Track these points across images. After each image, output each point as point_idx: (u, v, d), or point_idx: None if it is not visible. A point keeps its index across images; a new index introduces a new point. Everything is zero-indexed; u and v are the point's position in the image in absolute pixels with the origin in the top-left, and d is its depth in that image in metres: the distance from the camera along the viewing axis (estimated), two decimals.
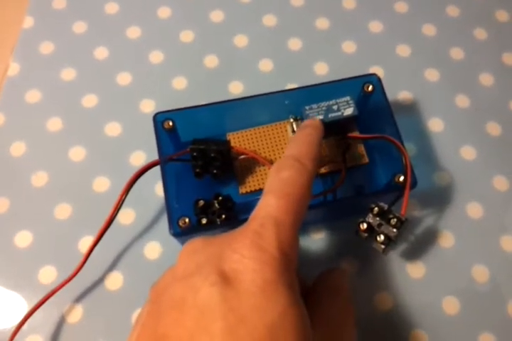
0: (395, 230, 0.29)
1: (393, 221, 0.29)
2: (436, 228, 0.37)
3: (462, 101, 0.42)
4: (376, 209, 0.30)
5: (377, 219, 0.30)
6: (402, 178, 0.32)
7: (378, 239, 0.30)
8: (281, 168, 0.26)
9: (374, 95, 0.36)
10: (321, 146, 0.30)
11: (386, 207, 0.30)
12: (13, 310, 0.35)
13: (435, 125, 0.41)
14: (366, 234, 0.30)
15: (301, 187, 0.25)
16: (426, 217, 0.38)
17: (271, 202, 0.24)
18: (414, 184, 0.32)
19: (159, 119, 0.34)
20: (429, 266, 0.36)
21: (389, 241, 0.29)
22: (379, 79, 0.36)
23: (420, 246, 0.37)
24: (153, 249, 0.37)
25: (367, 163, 0.37)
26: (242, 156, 0.36)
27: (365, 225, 0.30)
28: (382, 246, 0.29)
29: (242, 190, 0.36)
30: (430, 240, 0.37)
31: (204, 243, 0.25)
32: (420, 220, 0.38)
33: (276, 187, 0.25)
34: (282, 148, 0.37)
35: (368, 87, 0.36)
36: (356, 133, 0.36)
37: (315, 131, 0.31)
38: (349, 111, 0.34)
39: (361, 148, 0.37)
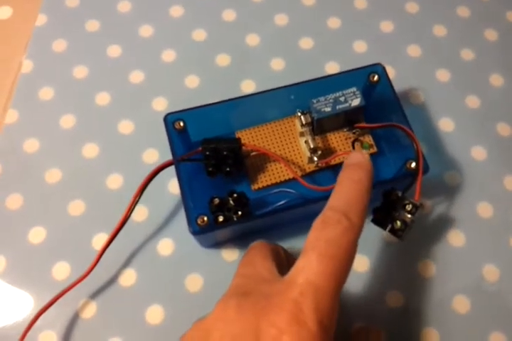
0: (410, 216, 0.30)
1: (408, 207, 0.30)
2: (447, 227, 0.38)
3: (472, 101, 0.42)
4: (391, 196, 0.30)
5: (392, 206, 0.30)
6: (413, 164, 0.32)
7: (395, 225, 0.30)
8: (326, 223, 0.24)
9: (380, 85, 0.36)
10: (371, 193, 0.27)
11: (400, 193, 0.30)
12: (27, 305, 0.35)
13: (446, 125, 0.41)
14: (382, 222, 0.30)
15: (347, 249, 0.23)
16: (437, 216, 0.38)
17: (312, 265, 0.23)
18: (426, 169, 0.32)
19: (170, 120, 0.35)
20: (440, 264, 0.36)
21: (405, 227, 0.30)
22: (384, 69, 0.36)
23: (431, 245, 0.37)
24: (166, 246, 0.37)
25: (375, 153, 0.37)
26: (254, 153, 0.36)
27: (380, 213, 0.30)
28: (399, 232, 0.30)
29: (255, 186, 0.36)
30: (441, 239, 0.37)
31: (238, 308, 0.23)
32: (431, 219, 0.38)
33: (320, 247, 0.23)
34: (291, 143, 0.37)
35: (373, 77, 0.36)
36: (364, 124, 0.37)
37: (365, 175, 0.27)
38: (356, 101, 0.34)
39: (369, 138, 0.37)
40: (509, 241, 0.37)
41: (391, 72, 0.43)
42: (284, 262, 0.30)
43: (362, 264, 0.36)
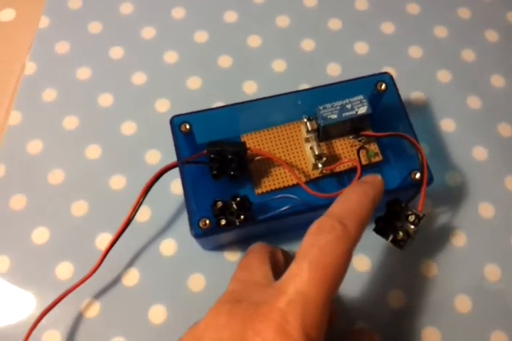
0: (412, 226, 0.30)
1: (411, 217, 0.30)
2: (448, 227, 0.38)
3: (474, 102, 0.42)
4: (394, 206, 0.31)
5: (395, 216, 0.30)
6: (418, 175, 0.32)
7: (397, 235, 0.30)
8: (321, 229, 0.24)
9: (387, 94, 0.36)
10: (375, 210, 0.26)
11: (403, 203, 0.31)
12: (31, 305, 0.36)
13: (447, 125, 0.41)
14: (384, 231, 0.30)
15: (340, 258, 0.23)
16: (438, 217, 0.38)
17: (303, 273, 0.22)
18: (430, 180, 0.32)
19: (176, 122, 0.35)
20: (442, 264, 0.37)
21: (407, 238, 0.30)
22: (391, 78, 0.36)
23: (433, 245, 0.37)
24: (168, 246, 0.37)
25: (381, 161, 0.37)
26: (259, 157, 0.36)
27: (382, 222, 0.30)
28: (401, 243, 0.30)
29: (258, 190, 0.36)
30: (443, 239, 0.37)
31: (229, 315, 0.23)
32: (433, 220, 0.38)
33: (312, 255, 0.23)
34: (297, 148, 0.37)
35: (380, 86, 0.36)
36: (370, 132, 0.37)
37: (372, 191, 0.27)
38: (363, 109, 0.35)
39: (375, 146, 0.37)
40: (510, 241, 0.38)
41: (392, 73, 0.42)
42: (282, 266, 0.30)
43: (363, 264, 0.37)
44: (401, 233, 0.30)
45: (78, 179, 0.39)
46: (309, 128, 0.36)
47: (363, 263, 0.36)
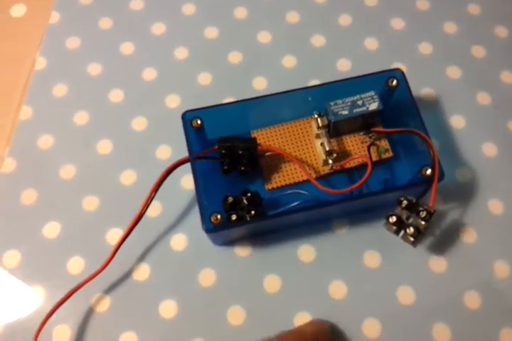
0: (423, 222, 0.30)
1: (422, 213, 0.30)
2: (458, 224, 0.38)
3: (484, 98, 0.42)
4: (405, 202, 0.31)
5: (406, 212, 0.30)
6: (429, 171, 0.32)
7: (408, 231, 0.30)
8: None
9: (398, 90, 0.36)
10: None
11: (414, 200, 0.31)
12: (42, 300, 0.36)
13: (457, 122, 0.41)
14: (395, 227, 0.30)
15: None
16: (448, 213, 0.38)
17: None
18: (441, 176, 0.32)
19: (188, 118, 0.35)
20: (452, 260, 0.37)
21: (418, 234, 0.30)
22: (403, 74, 0.36)
23: (443, 241, 0.37)
24: (179, 241, 0.37)
25: (391, 157, 0.37)
26: (269, 153, 0.36)
27: (394, 218, 0.30)
28: (412, 239, 0.30)
29: (269, 186, 0.36)
30: (452, 235, 0.37)
31: None
32: (443, 216, 0.38)
33: None
34: (307, 144, 0.37)
35: (392, 82, 0.36)
36: (381, 128, 0.37)
37: None
38: (374, 105, 0.35)
39: (385, 143, 0.37)
40: None
41: (402, 68, 0.42)
42: None
43: (374, 260, 0.37)
44: (412, 229, 0.30)
45: (89, 174, 0.39)
46: (320, 124, 0.36)
47: (373, 259, 0.37)
